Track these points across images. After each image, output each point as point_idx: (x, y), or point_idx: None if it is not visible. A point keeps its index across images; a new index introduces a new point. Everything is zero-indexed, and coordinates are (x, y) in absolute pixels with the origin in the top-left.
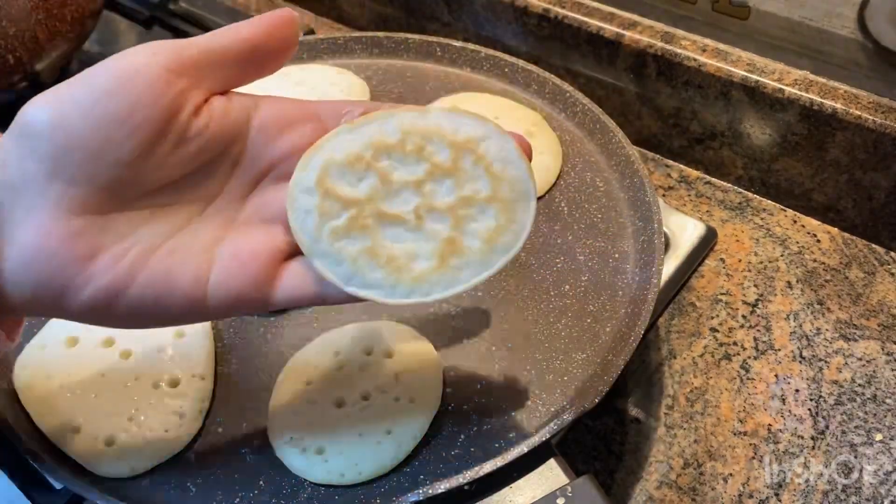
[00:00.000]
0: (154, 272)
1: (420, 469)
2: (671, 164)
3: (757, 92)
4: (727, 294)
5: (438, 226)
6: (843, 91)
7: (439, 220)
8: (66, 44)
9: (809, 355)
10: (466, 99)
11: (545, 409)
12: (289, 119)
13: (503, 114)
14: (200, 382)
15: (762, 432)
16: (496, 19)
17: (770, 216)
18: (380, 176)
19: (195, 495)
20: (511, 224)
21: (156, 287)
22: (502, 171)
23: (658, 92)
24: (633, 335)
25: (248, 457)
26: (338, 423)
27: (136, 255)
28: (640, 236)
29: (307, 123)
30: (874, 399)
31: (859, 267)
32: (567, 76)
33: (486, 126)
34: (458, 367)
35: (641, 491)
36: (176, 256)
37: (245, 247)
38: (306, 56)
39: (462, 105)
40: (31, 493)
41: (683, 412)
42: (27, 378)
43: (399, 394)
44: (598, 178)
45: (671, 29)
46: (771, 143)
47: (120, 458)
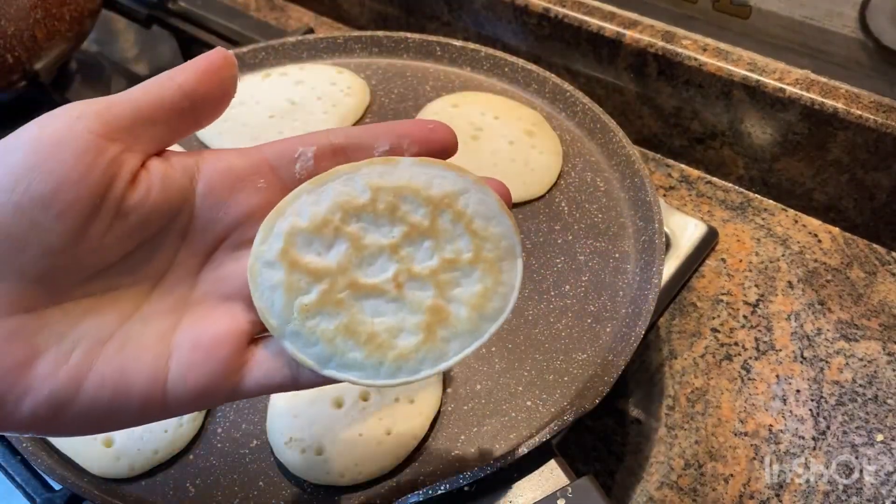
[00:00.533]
0: (103, 374)
1: (420, 469)
2: (672, 163)
3: (758, 91)
4: (728, 294)
5: (421, 294)
6: (845, 90)
7: (421, 288)
8: (65, 43)
9: (810, 355)
10: (466, 98)
11: (545, 409)
12: (237, 175)
13: (503, 113)
14: None
15: (763, 433)
16: (496, 18)
17: (771, 216)
18: (351, 241)
19: (195, 496)
20: (498, 286)
21: (107, 391)
22: (484, 228)
23: (659, 91)
24: (633, 335)
25: (248, 457)
26: (338, 424)
27: (80, 355)
28: (640, 236)
29: (258, 177)
30: (875, 399)
31: (860, 267)
32: (567, 76)
33: (462, 178)
34: (457, 367)
35: (642, 492)
36: (127, 352)
37: (205, 333)
38: (306, 56)
39: (463, 104)
40: (31, 492)
41: (684, 413)
42: None
43: (399, 394)
44: (599, 177)
45: (672, 28)
46: (772, 143)
47: (119, 458)
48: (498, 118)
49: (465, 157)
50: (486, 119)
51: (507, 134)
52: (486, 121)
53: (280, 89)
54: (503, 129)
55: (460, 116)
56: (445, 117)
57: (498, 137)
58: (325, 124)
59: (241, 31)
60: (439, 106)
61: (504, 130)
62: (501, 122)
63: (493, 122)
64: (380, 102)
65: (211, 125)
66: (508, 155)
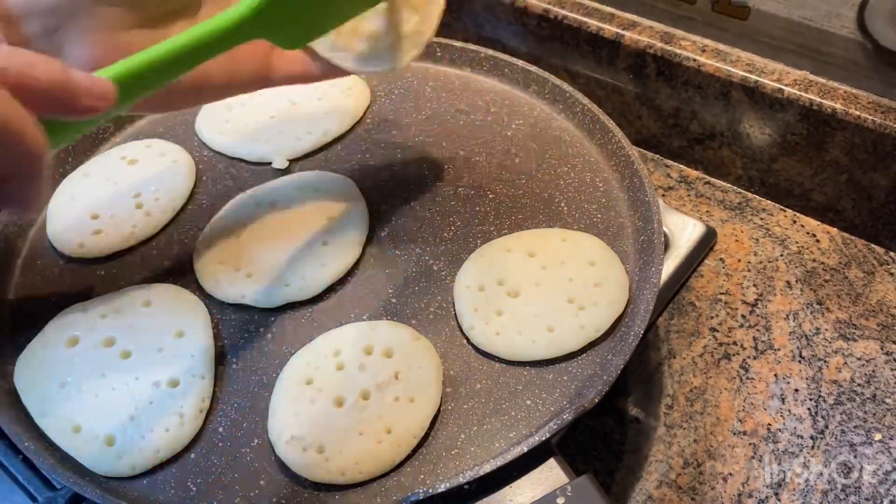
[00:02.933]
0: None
1: (420, 468)
2: (671, 164)
3: (756, 92)
4: (727, 294)
5: None
6: (843, 91)
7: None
8: None
9: (809, 355)
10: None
11: (545, 408)
12: None
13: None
14: (201, 382)
15: (762, 432)
16: (496, 20)
17: (769, 216)
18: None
19: (195, 495)
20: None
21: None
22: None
23: (658, 92)
24: (632, 335)
25: (249, 456)
26: (338, 423)
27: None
28: (639, 236)
29: None
30: (873, 399)
31: (858, 267)
32: (567, 76)
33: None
34: (458, 366)
35: (641, 490)
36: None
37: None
38: None
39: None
40: (32, 491)
41: (683, 412)
42: (28, 378)
43: (399, 393)
44: (598, 178)
45: (671, 29)
46: (770, 144)
47: (120, 458)
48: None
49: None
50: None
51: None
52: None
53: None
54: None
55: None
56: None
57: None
58: (325, 124)
59: None
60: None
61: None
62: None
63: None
64: (380, 103)
65: (212, 125)
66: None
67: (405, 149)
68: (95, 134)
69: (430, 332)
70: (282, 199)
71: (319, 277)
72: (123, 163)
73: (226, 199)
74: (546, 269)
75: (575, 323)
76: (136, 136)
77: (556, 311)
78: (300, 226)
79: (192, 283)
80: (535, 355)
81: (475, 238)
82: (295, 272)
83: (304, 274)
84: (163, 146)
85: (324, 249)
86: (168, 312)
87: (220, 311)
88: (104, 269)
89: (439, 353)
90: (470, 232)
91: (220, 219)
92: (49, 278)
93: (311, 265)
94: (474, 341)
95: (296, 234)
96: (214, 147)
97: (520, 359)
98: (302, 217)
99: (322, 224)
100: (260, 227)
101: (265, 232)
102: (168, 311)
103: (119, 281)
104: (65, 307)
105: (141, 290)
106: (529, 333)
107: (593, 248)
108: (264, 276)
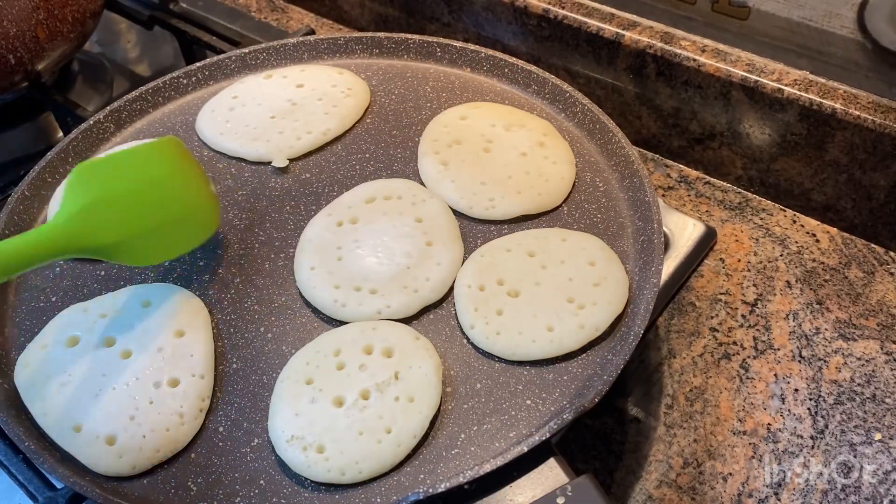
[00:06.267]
0: None
1: (420, 468)
2: (671, 164)
3: (756, 92)
4: (727, 294)
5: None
6: (843, 91)
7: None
8: (67, 44)
9: (809, 355)
10: (474, 109)
11: (545, 408)
12: None
13: (513, 123)
14: (201, 382)
15: (762, 431)
16: (496, 20)
17: (769, 216)
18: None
19: (195, 494)
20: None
21: None
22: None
23: (657, 92)
24: (632, 335)
25: (249, 456)
26: (338, 423)
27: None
28: (639, 236)
29: None
30: (873, 398)
31: (858, 267)
32: (567, 76)
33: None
34: (458, 366)
35: (641, 490)
36: None
37: None
38: (307, 57)
39: (471, 115)
40: (33, 491)
41: (683, 411)
42: (28, 377)
43: (399, 393)
44: (598, 178)
45: (671, 29)
46: (770, 143)
47: (120, 457)
48: (508, 129)
49: (478, 170)
50: (497, 130)
51: (518, 145)
52: (496, 132)
53: (281, 90)
54: (514, 140)
55: (470, 128)
56: (455, 130)
57: (509, 149)
58: (325, 124)
59: (242, 32)
60: (447, 119)
61: (515, 141)
62: (512, 134)
63: (504, 133)
64: (380, 103)
65: (212, 124)
66: (522, 167)
67: (405, 148)
68: (96, 134)
69: (430, 332)
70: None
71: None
72: None
73: (226, 198)
74: (546, 269)
75: (575, 323)
76: (136, 136)
77: (556, 311)
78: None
79: (193, 284)
80: (535, 355)
81: (475, 238)
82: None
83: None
84: None
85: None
86: (168, 312)
87: (221, 311)
88: (104, 270)
89: (439, 353)
90: (470, 232)
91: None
92: (49, 278)
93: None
94: (474, 341)
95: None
96: (214, 147)
97: (520, 358)
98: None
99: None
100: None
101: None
102: (168, 311)
103: (119, 281)
104: (65, 307)
105: (141, 290)
106: (529, 333)
107: (593, 248)
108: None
